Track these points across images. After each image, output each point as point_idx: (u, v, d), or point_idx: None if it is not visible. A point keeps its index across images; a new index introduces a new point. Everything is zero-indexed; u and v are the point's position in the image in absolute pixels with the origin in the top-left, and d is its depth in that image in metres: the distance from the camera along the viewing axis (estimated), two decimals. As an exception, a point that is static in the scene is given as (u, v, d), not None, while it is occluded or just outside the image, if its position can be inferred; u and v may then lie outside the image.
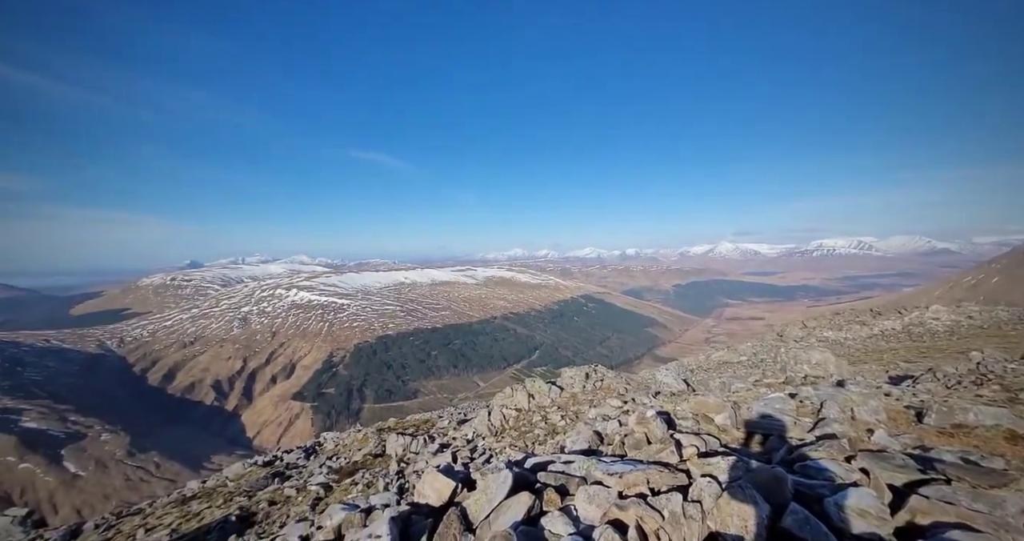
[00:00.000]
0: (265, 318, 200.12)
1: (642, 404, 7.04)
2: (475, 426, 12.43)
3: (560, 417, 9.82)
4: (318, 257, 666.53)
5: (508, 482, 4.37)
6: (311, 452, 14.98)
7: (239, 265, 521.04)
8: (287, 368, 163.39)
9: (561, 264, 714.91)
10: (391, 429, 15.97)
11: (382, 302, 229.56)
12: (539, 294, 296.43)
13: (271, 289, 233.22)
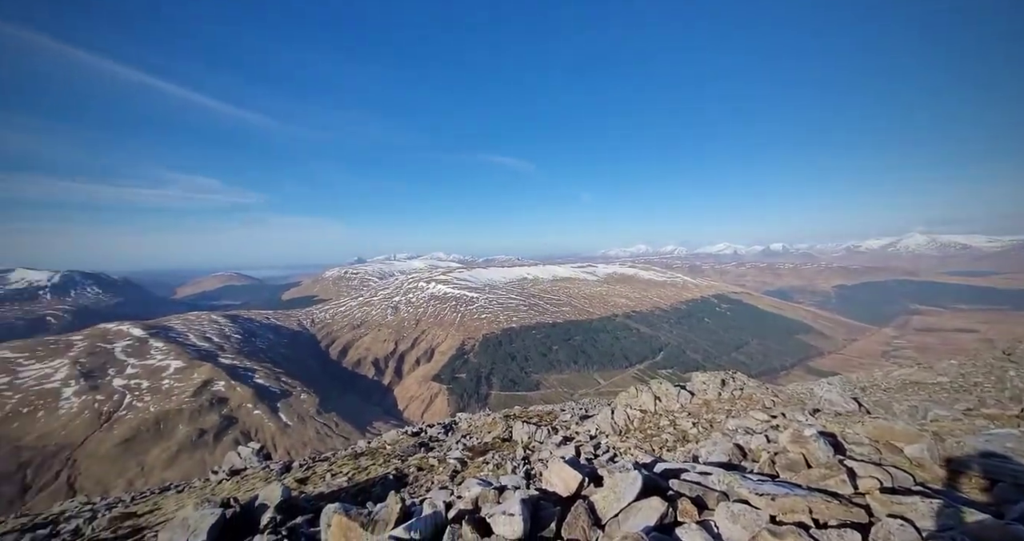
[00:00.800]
0: (411, 308, 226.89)
1: (796, 421, 6.03)
2: (598, 423, 12.23)
3: (691, 424, 9.05)
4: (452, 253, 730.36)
5: (638, 484, 4.19)
6: (449, 429, 16.52)
7: (391, 261, 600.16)
8: (428, 352, 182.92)
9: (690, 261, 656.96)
10: (517, 417, 16.67)
11: (507, 296, 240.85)
12: (664, 292, 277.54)
13: (415, 282, 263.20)
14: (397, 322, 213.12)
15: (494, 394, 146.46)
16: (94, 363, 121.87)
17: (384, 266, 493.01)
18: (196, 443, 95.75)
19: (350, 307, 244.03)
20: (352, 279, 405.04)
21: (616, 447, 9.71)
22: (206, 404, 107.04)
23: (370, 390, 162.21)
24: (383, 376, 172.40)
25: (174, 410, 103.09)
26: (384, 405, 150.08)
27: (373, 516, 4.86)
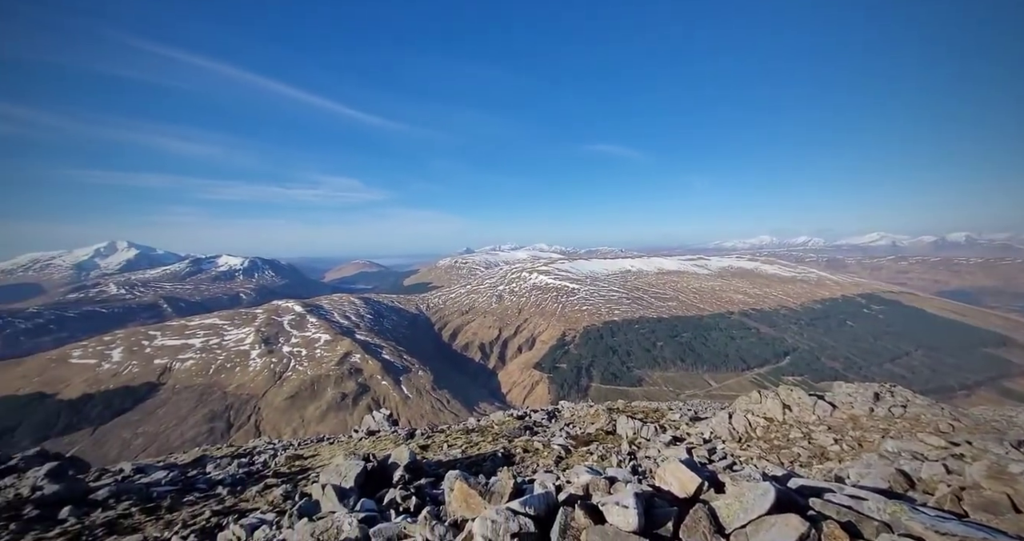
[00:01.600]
0: (514, 297, 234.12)
1: (991, 452, 4.74)
2: (713, 427, 11.28)
3: (832, 440, 7.77)
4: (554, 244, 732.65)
5: (770, 497, 3.77)
6: (552, 416, 16.78)
7: (496, 251, 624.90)
8: (530, 341, 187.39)
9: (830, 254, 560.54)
10: (620, 411, 16.22)
11: (608, 288, 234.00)
12: (793, 289, 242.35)
13: (518, 272, 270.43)
14: (501, 310, 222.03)
15: (594, 386, 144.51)
16: (270, 332, 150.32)
17: (490, 256, 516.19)
18: (340, 404, 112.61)
19: (459, 294, 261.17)
20: (461, 268, 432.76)
21: (735, 454, 8.84)
22: (346, 372, 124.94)
23: (476, 373, 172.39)
24: (488, 360, 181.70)
25: (324, 375, 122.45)
26: (489, 387, 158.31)
27: (489, 487, 5.20)
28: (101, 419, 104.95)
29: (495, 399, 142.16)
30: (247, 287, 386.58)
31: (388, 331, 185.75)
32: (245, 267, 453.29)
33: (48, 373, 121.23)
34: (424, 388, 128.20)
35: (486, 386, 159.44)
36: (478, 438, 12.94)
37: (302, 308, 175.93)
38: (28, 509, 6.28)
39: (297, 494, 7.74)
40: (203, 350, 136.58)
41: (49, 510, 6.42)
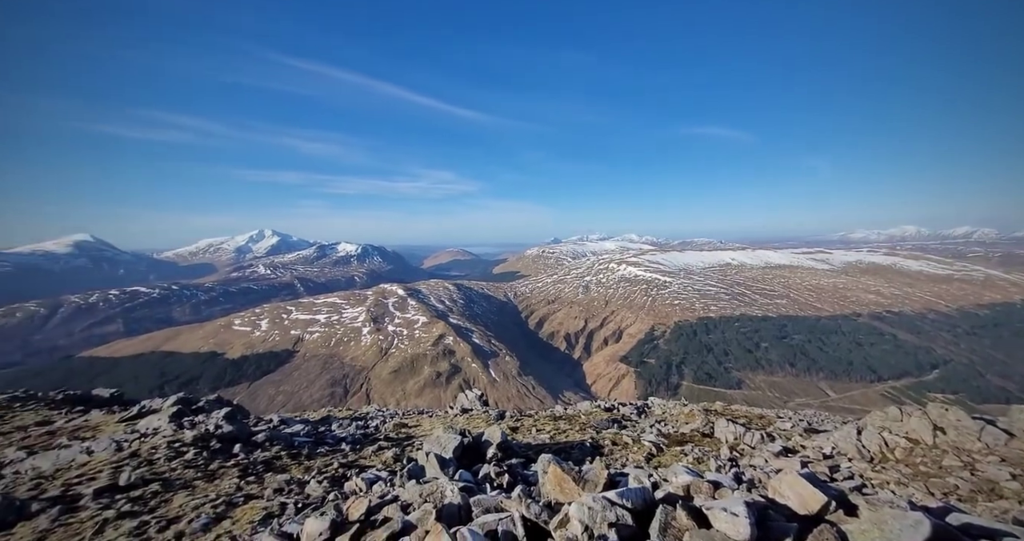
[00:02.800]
0: (601, 288, 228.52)
1: None
2: (835, 441, 9.88)
3: (1009, 475, 6.26)
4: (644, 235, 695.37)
5: (923, 531, 3.19)
6: (641, 411, 16.16)
7: (583, 241, 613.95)
8: (616, 333, 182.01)
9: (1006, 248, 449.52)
10: (719, 413, 15.02)
11: (704, 282, 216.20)
12: (947, 290, 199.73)
13: (605, 263, 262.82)
14: (587, 301, 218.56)
15: (686, 385, 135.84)
16: (378, 312, 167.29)
17: (576, 246, 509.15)
18: (435, 382, 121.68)
19: (546, 283, 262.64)
20: (548, 258, 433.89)
21: (865, 476, 7.64)
22: (441, 353, 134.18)
23: (562, 362, 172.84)
24: (573, 350, 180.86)
25: (421, 354, 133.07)
26: (574, 377, 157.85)
27: (583, 475, 5.21)
28: (254, 376, 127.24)
29: (579, 389, 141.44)
30: (360, 271, 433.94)
31: (478, 316, 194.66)
32: (358, 253, 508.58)
33: (219, 336, 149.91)
34: (511, 373, 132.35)
35: (571, 376, 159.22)
36: (565, 426, 13.00)
37: (404, 292, 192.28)
38: (213, 442, 7.87)
39: (405, 458, 8.56)
40: (326, 325, 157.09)
41: (226, 445, 7.97)
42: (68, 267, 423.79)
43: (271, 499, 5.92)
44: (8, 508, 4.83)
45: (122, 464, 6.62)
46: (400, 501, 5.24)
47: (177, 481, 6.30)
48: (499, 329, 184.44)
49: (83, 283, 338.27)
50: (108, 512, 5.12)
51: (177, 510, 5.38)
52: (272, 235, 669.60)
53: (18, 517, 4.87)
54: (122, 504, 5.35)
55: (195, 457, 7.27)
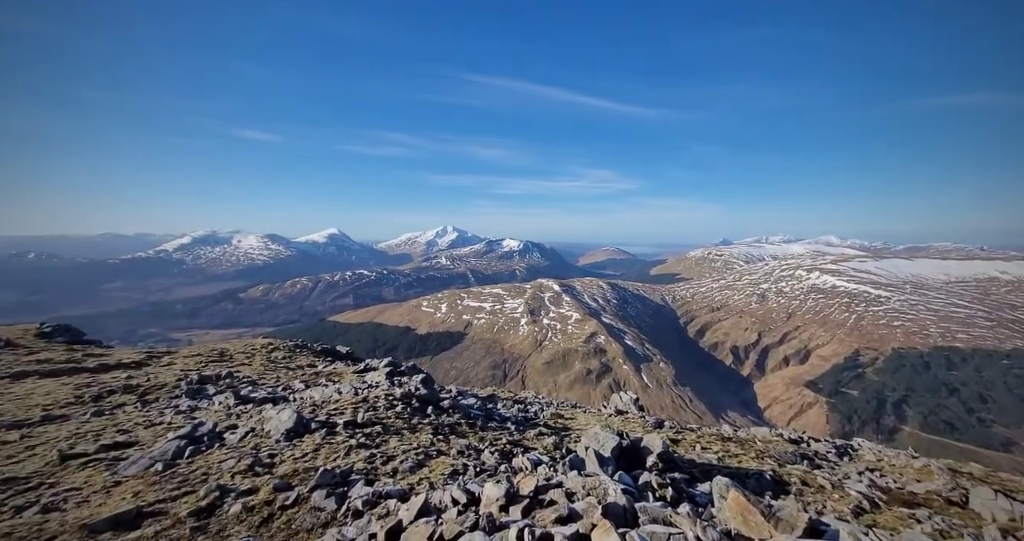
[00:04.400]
0: (782, 297, 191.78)
1: None
2: None
3: None
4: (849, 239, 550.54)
5: None
6: (843, 452, 12.98)
7: (762, 244, 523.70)
8: (800, 352, 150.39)
9: None
10: (977, 479, 10.91)
11: (947, 301, 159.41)
12: None
13: (791, 270, 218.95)
14: (763, 311, 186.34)
15: (908, 432, 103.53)
16: (535, 305, 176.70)
17: (752, 249, 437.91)
18: (584, 378, 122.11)
19: (711, 288, 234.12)
20: (715, 261, 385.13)
21: None
22: (592, 351, 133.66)
23: (726, 377, 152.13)
24: (741, 366, 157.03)
25: (573, 350, 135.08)
26: (741, 396, 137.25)
27: (775, 511, 4.46)
28: (435, 351, 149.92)
29: (747, 411, 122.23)
30: (520, 266, 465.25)
31: (632, 318, 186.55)
32: (520, 249, 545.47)
33: (412, 315, 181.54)
34: (665, 380, 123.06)
35: (737, 394, 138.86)
36: (736, 449, 11.38)
37: (559, 288, 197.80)
38: (413, 401, 9.57)
39: (564, 447, 8.81)
40: (491, 313, 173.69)
41: (422, 405, 9.58)
42: (324, 253, 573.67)
43: (456, 459, 6.85)
44: (301, 423, 6.82)
45: (358, 405, 8.61)
46: (564, 488, 5.41)
47: (391, 427, 7.86)
48: (654, 333, 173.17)
49: (332, 266, 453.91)
50: (352, 440, 6.72)
51: (392, 450, 6.71)
52: (452, 231, 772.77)
53: (305, 431, 6.83)
54: (360, 437, 6.95)
55: (402, 410, 8.96)
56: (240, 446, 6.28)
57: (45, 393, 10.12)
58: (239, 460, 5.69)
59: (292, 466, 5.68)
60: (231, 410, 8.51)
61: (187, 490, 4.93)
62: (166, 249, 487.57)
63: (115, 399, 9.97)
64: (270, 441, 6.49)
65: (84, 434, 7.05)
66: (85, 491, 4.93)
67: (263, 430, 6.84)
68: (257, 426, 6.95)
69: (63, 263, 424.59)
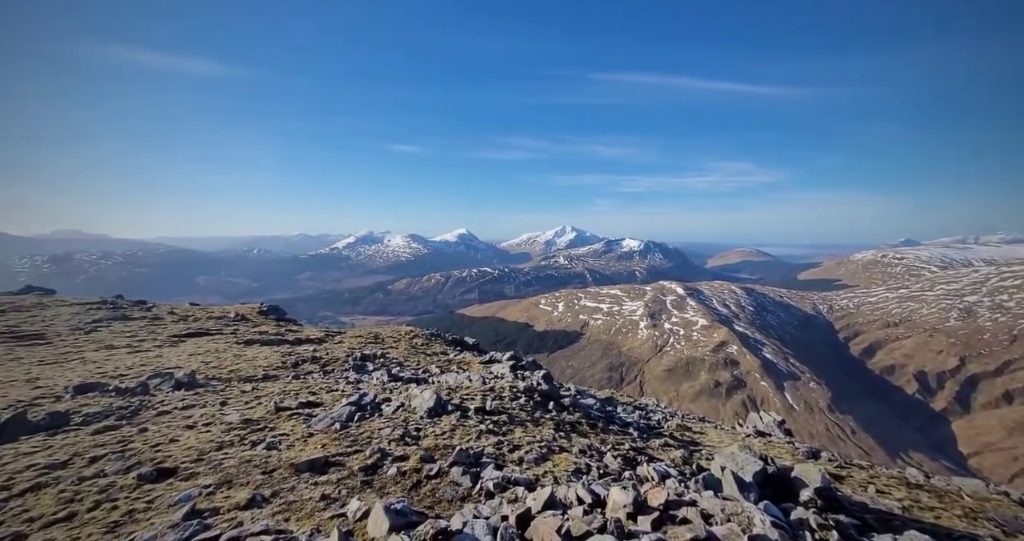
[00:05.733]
0: (1000, 314, 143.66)
1: None
2: None
3: None
4: None
5: None
6: (1120, 536, 9.09)
7: (968, 245, 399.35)
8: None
9: None
10: None
11: None
12: None
13: (1017, 278, 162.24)
14: (968, 331, 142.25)
15: None
16: (655, 308, 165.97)
17: (952, 251, 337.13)
18: (712, 391, 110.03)
19: (885, 299, 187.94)
20: (893, 265, 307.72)
21: None
22: (721, 361, 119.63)
23: (907, 408, 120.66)
24: (931, 397, 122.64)
25: (698, 358, 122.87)
26: (931, 436, 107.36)
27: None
28: (551, 349, 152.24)
29: (941, 455, 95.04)
30: (641, 266, 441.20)
31: (772, 328, 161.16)
32: (640, 249, 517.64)
33: (530, 312, 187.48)
34: (816, 404, 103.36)
35: (922, 431, 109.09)
36: (930, 500, 8.87)
37: (683, 290, 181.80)
38: (536, 395, 9.83)
39: (695, 463, 8.04)
40: (608, 314, 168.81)
41: (544, 400, 9.78)
42: (454, 251, 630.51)
43: (578, 457, 6.80)
44: (439, 404, 7.58)
45: (486, 394, 9.19)
46: (699, 508, 4.91)
47: (516, 418, 8.20)
48: (801, 347, 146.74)
49: (461, 263, 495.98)
50: (482, 426, 7.20)
51: (518, 439, 6.98)
52: (571, 231, 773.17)
53: (443, 411, 7.57)
54: (488, 423, 7.41)
55: (525, 403, 9.27)
56: (393, 417, 7.26)
57: (264, 357, 13.24)
58: (393, 429, 6.58)
59: (434, 441, 6.35)
60: (385, 386, 9.92)
61: (356, 449, 5.89)
62: (338, 247, 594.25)
63: (305, 367, 12.51)
64: (415, 417, 7.36)
65: (288, 392, 9.00)
66: (291, 437, 6.28)
67: (410, 406, 7.79)
68: (405, 402, 7.95)
69: (273, 258, 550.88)
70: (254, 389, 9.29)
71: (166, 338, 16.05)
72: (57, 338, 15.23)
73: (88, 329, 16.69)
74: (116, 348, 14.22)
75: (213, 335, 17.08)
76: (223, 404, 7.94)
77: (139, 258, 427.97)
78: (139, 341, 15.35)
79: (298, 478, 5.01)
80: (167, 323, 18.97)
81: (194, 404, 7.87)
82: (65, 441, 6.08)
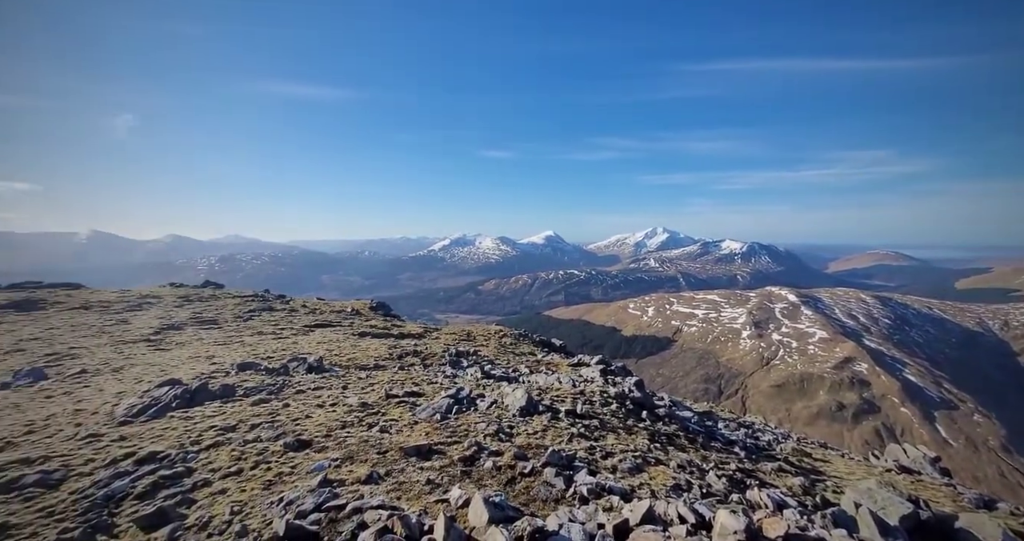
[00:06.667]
0: None
1: None
2: None
3: None
4: None
5: None
6: None
7: None
8: None
9: None
10: None
11: None
12: None
13: None
14: None
15: None
16: (761, 316, 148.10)
17: None
18: (834, 414, 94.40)
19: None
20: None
21: None
22: (846, 380, 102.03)
23: None
24: None
25: (816, 375, 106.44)
26: None
27: None
28: (640, 355, 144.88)
29: None
30: (744, 270, 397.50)
31: (916, 345, 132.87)
32: (743, 251, 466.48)
33: (618, 315, 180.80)
34: (985, 441, 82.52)
35: None
36: None
37: (796, 298, 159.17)
38: (627, 402, 9.43)
39: (817, 495, 6.96)
40: (704, 321, 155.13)
41: (636, 408, 9.33)
42: (541, 253, 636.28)
43: (676, 472, 6.33)
44: (531, 404, 7.68)
45: (576, 397, 9.07)
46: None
47: (607, 424, 7.94)
48: (961, 370, 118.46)
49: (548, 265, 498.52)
50: (573, 429, 7.11)
51: (610, 446, 6.75)
52: (662, 232, 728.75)
53: (534, 411, 7.66)
54: (579, 427, 7.30)
55: (616, 409, 8.93)
56: (487, 413, 7.54)
57: (374, 349, 14.76)
58: (488, 425, 6.83)
59: (526, 440, 6.44)
60: (479, 382, 10.35)
61: (455, 440, 6.23)
62: (434, 249, 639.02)
63: (408, 360, 13.64)
64: (508, 414, 7.54)
65: (395, 381, 9.90)
66: (399, 423, 6.90)
67: (503, 403, 8.01)
68: (498, 399, 8.20)
69: (380, 259, 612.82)
70: (368, 376, 10.41)
71: (300, 327, 18.80)
72: (225, 324, 18.82)
73: (246, 317, 20.32)
74: (264, 334, 17.09)
75: (334, 326, 19.55)
76: (344, 388, 9.03)
77: (280, 258, 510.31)
78: (280, 329, 18.23)
79: (406, 461, 5.48)
80: (300, 315, 22.23)
81: (322, 386, 9.09)
82: (233, 409, 7.47)
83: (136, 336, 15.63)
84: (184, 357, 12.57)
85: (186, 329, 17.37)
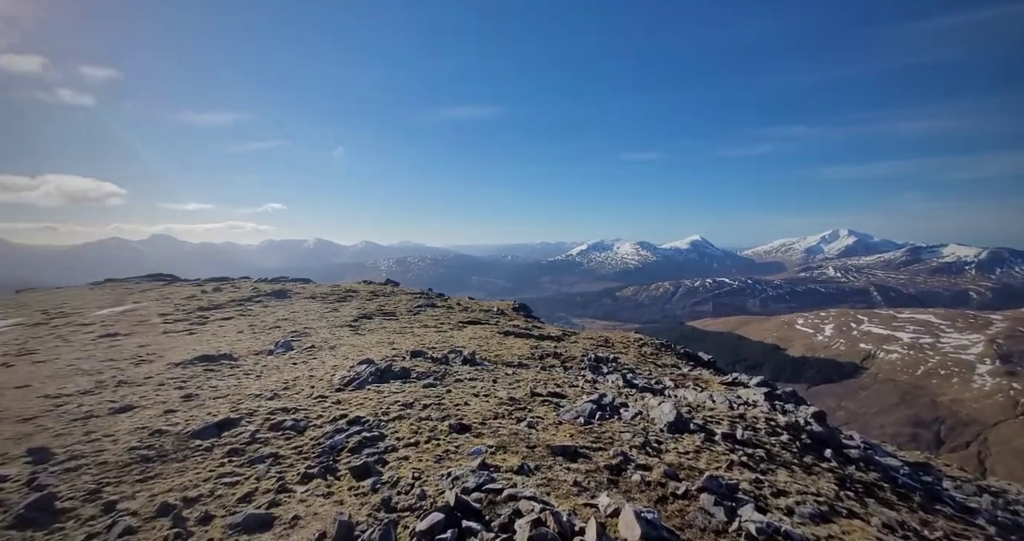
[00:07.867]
0: None
1: None
2: None
3: None
4: None
5: None
6: None
7: None
8: None
9: None
10: None
11: None
12: None
13: None
14: None
15: None
16: (1012, 347, 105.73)
17: None
18: None
19: None
20: None
21: None
22: None
23: None
24: None
25: None
26: None
27: None
28: (812, 380, 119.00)
29: None
30: (981, 284, 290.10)
31: None
32: (981, 259, 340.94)
33: (781, 332, 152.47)
34: None
35: None
36: None
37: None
38: (803, 436, 7.84)
39: None
40: (911, 347, 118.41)
41: (816, 444, 7.69)
42: (686, 259, 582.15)
43: (882, 532, 4.99)
44: (680, 420, 7.06)
45: (735, 420, 7.96)
46: None
47: (777, 457, 6.74)
48: None
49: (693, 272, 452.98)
50: (732, 455, 6.26)
51: (783, 484, 5.71)
52: (848, 235, 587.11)
53: (684, 428, 7.01)
54: (741, 454, 6.37)
55: (788, 442, 7.51)
56: (632, 423, 7.23)
57: (518, 348, 15.66)
58: (634, 436, 6.54)
59: (676, 458, 5.94)
60: (620, 390, 10.01)
61: (600, 446, 6.15)
62: (572, 254, 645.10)
63: (548, 360, 14.03)
64: (655, 428, 7.09)
65: (539, 380, 10.31)
66: (545, 421, 7.16)
67: (648, 416, 7.57)
68: (643, 410, 7.78)
69: (521, 262, 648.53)
70: (514, 373, 11.11)
71: (455, 323, 21.24)
72: (401, 316, 22.53)
73: (415, 311, 23.96)
74: (428, 327, 19.84)
75: (483, 324, 21.47)
76: (494, 382, 9.82)
77: (439, 261, 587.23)
78: (441, 323, 20.91)
79: (553, 459, 5.65)
80: (455, 312, 25.11)
81: (476, 378, 10.07)
82: (409, 389, 8.88)
83: (343, 322, 19.97)
84: (373, 342, 15.50)
85: (374, 318, 21.40)
